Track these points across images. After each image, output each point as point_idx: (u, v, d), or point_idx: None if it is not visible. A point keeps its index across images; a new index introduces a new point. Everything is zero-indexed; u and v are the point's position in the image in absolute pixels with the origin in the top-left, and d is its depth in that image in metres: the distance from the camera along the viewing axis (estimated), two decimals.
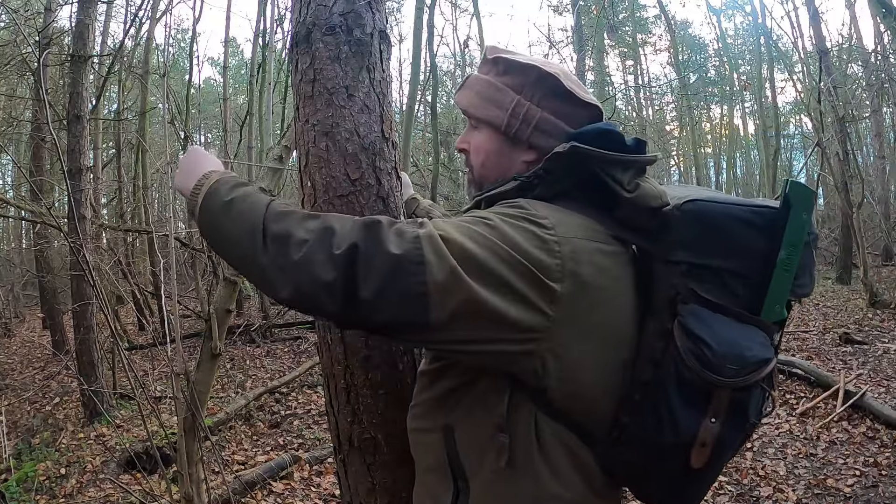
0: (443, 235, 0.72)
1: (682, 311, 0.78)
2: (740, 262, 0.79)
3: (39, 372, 6.82)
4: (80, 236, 3.52)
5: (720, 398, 0.75)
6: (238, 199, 0.81)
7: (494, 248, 0.72)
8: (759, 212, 0.80)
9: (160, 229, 7.62)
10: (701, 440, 0.76)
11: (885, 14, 5.55)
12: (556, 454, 0.80)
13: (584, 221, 0.80)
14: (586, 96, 0.91)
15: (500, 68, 0.94)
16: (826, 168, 8.52)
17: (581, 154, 0.81)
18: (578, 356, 0.78)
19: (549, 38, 16.31)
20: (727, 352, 0.74)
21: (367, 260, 0.70)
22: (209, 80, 23.82)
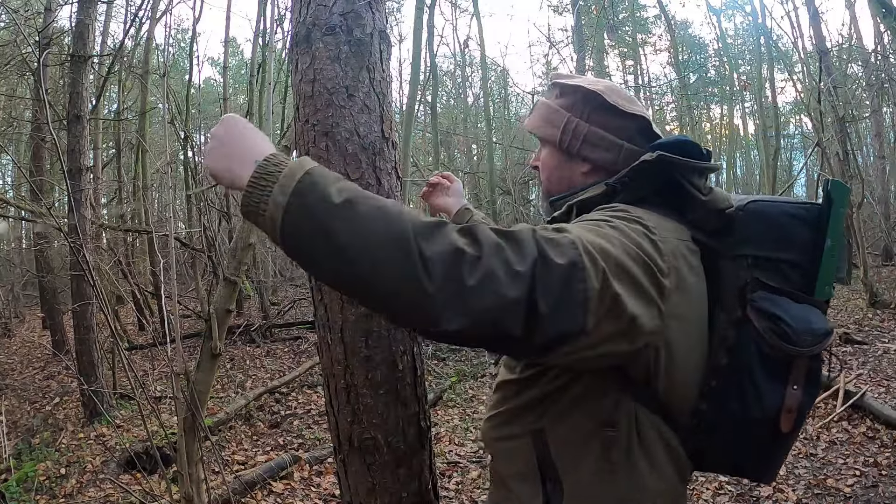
0: (587, 239, 0.73)
1: (753, 298, 0.88)
2: (794, 252, 0.91)
3: (39, 372, 6.82)
4: (80, 236, 3.52)
5: (799, 367, 0.86)
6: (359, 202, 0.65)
7: (625, 248, 0.76)
8: (807, 208, 0.92)
9: (160, 229, 7.62)
10: (787, 407, 0.86)
11: (885, 14, 5.54)
12: (655, 446, 0.86)
13: (670, 222, 0.88)
14: (632, 108, 1.00)
15: (557, 91, 1.07)
16: (826, 168, 8.52)
17: (666, 161, 0.88)
18: (680, 349, 0.84)
19: (549, 38, 16.32)
20: (802, 326, 0.85)
21: (544, 273, 0.65)
22: (209, 80, 23.82)
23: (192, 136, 9.92)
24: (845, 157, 8.07)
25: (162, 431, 2.90)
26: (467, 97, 19.73)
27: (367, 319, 1.07)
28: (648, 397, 0.85)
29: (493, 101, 18.91)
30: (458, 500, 3.34)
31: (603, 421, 0.85)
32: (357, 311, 1.07)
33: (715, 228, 0.91)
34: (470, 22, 24.41)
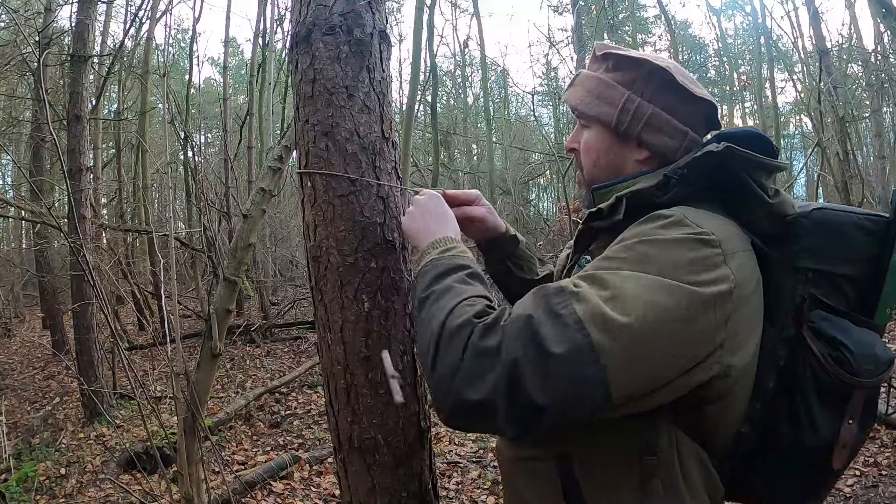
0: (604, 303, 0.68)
1: (812, 317, 0.79)
2: (856, 267, 0.81)
3: (39, 372, 6.82)
4: (80, 236, 3.52)
5: (857, 399, 0.77)
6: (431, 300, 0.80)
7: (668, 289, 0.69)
8: (875, 220, 0.83)
9: (160, 229, 7.61)
10: (842, 441, 0.77)
11: (885, 14, 5.54)
12: (694, 473, 0.78)
13: (731, 227, 0.79)
14: (699, 91, 0.88)
15: (610, 64, 0.92)
16: (826, 168, 8.52)
17: (734, 155, 0.78)
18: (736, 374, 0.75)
19: (549, 38, 16.30)
20: (865, 353, 0.76)
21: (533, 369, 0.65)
22: (209, 80, 23.83)
23: (192, 136, 9.91)
24: (845, 157, 8.07)
25: (162, 431, 2.90)
26: (467, 97, 19.75)
27: (367, 319, 1.07)
28: (693, 422, 0.77)
29: (493, 101, 18.92)
30: (458, 500, 3.34)
31: (643, 448, 0.76)
32: (357, 311, 1.07)
33: (774, 234, 0.81)
34: (470, 22, 24.42)
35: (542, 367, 0.65)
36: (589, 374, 0.65)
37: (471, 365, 0.68)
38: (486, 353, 0.68)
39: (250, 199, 2.66)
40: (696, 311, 0.69)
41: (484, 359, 0.68)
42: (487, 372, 0.67)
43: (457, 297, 0.78)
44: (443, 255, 0.89)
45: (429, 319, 0.77)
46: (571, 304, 0.68)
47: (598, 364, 0.65)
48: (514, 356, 0.66)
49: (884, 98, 11.93)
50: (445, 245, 0.91)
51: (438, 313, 0.76)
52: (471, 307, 0.75)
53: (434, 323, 0.75)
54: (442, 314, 0.75)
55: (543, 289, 0.73)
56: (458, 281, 0.82)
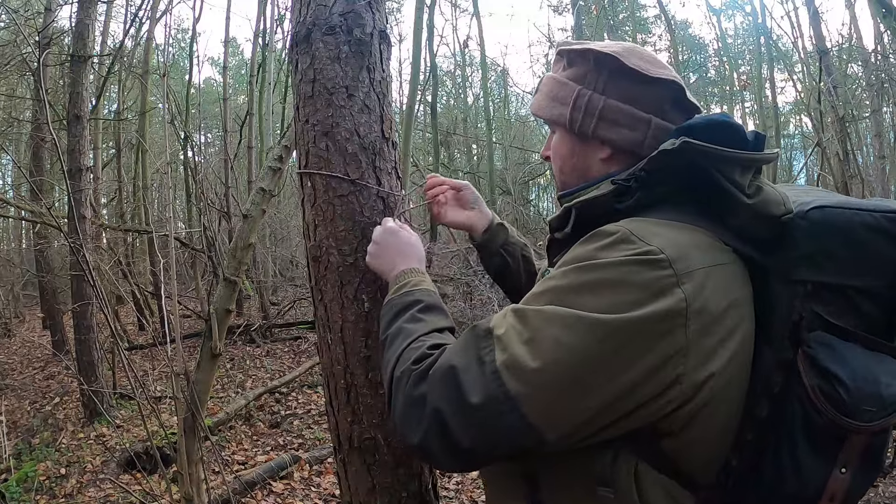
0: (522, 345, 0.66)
1: (808, 339, 0.67)
2: (872, 278, 0.67)
3: (39, 372, 6.82)
4: (80, 236, 3.51)
5: (854, 444, 0.65)
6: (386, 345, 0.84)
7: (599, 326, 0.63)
8: (893, 217, 0.67)
9: (160, 229, 7.61)
10: (829, 492, 0.66)
11: (885, 14, 5.54)
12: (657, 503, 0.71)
13: (701, 238, 0.69)
14: (657, 71, 0.79)
15: (565, 62, 0.87)
16: (826, 168, 8.52)
17: (694, 151, 0.69)
18: (705, 398, 0.66)
19: (549, 38, 16.31)
20: (864, 390, 0.63)
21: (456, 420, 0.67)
22: (209, 80, 23.84)
23: (192, 136, 9.91)
24: (845, 157, 8.06)
25: (162, 431, 2.90)
26: (467, 97, 19.73)
27: (367, 319, 1.07)
28: (654, 455, 0.69)
29: (493, 101, 18.91)
30: (458, 500, 3.34)
31: (596, 479, 0.70)
32: (357, 311, 1.07)
33: (765, 238, 0.70)
34: (470, 22, 24.40)
35: (463, 416, 0.67)
36: (510, 422, 0.65)
37: (407, 413, 0.72)
38: (416, 403, 0.71)
39: (250, 199, 2.66)
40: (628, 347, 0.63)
41: (414, 408, 0.71)
42: (419, 419, 0.70)
43: (404, 342, 0.81)
44: (396, 293, 0.91)
45: (385, 365, 0.82)
46: (493, 352, 0.68)
47: (517, 412, 0.65)
48: (436, 405, 0.69)
49: (884, 98, 11.93)
50: (402, 280, 0.92)
51: (391, 360, 0.80)
52: (413, 351, 0.77)
53: (387, 370, 0.80)
54: (392, 361, 0.79)
55: (475, 329, 0.72)
56: (407, 321, 0.84)
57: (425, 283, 0.92)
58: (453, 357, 0.71)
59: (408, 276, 0.93)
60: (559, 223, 0.80)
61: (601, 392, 0.63)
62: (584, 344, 0.63)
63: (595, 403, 0.64)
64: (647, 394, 0.64)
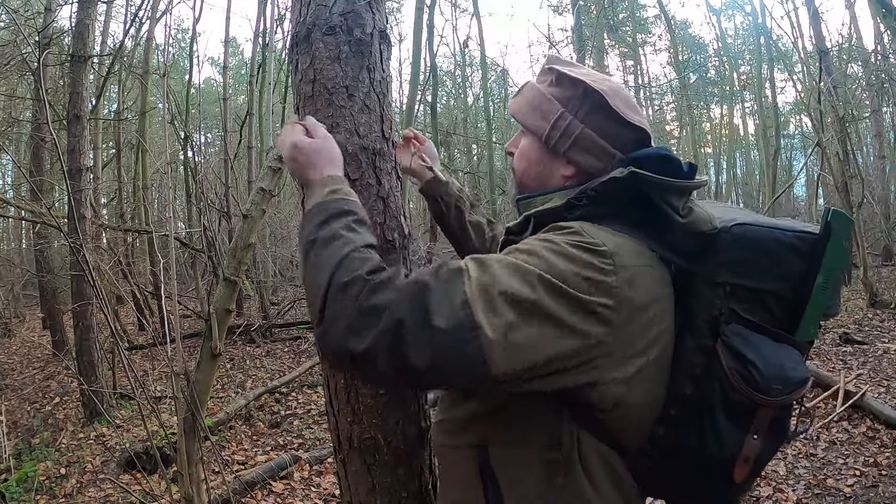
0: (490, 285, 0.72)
1: (726, 331, 0.81)
2: (781, 284, 0.83)
3: (39, 372, 6.82)
4: (80, 236, 3.51)
5: (763, 416, 0.80)
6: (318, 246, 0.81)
7: (547, 287, 0.73)
8: (802, 237, 0.84)
9: (160, 229, 7.61)
10: (744, 456, 0.81)
11: (885, 14, 5.54)
12: (596, 468, 0.82)
13: (633, 244, 0.82)
14: (634, 117, 0.90)
15: (553, 78, 0.96)
16: (826, 168, 8.52)
17: (639, 179, 0.81)
18: (632, 378, 0.79)
19: (549, 38, 16.31)
20: (773, 373, 0.78)
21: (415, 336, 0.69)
22: (209, 80, 23.84)
23: (192, 136, 9.91)
24: (845, 157, 8.07)
25: (162, 431, 2.90)
26: (467, 97, 19.74)
27: None
28: (592, 423, 0.81)
29: (493, 101, 18.90)
30: None
31: (545, 444, 0.80)
32: None
33: (693, 250, 0.84)
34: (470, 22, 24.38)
35: (425, 336, 0.69)
36: (468, 351, 0.69)
37: (358, 320, 0.71)
38: (374, 311, 0.71)
39: (250, 199, 2.66)
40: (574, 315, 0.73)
41: (370, 316, 0.71)
42: (373, 327, 0.70)
43: (345, 247, 0.79)
44: (329, 196, 0.88)
45: (317, 268, 0.79)
46: (463, 284, 0.72)
47: (477, 342, 0.69)
48: (400, 317, 0.70)
49: (884, 98, 11.94)
50: (334, 185, 0.90)
51: (327, 263, 0.78)
52: (361, 261, 0.77)
53: (322, 274, 0.77)
54: (331, 265, 0.77)
55: (446, 264, 0.77)
56: (345, 228, 0.82)
57: (355, 197, 0.91)
58: (426, 277, 0.74)
59: (338, 182, 0.91)
60: (519, 229, 0.91)
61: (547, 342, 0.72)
62: (538, 296, 0.72)
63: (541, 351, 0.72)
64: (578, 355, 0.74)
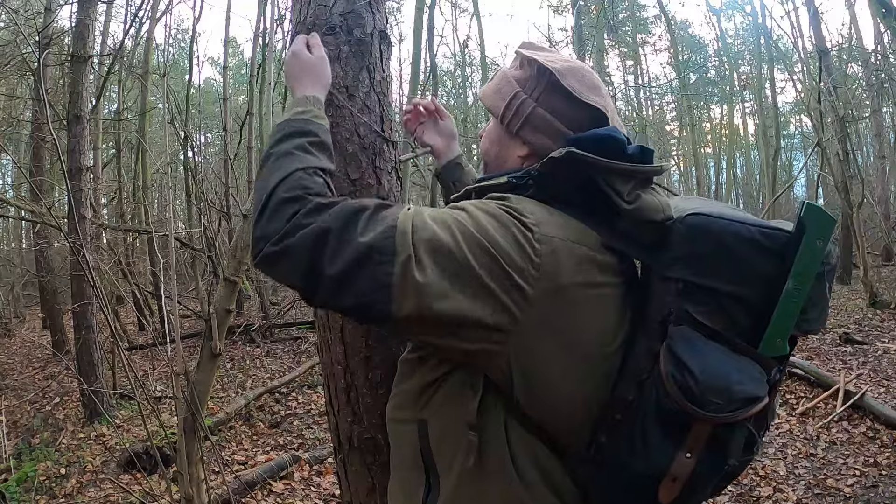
0: (420, 228, 0.73)
1: (672, 332, 0.74)
2: (743, 286, 0.73)
3: (39, 372, 6.81)
4: (80, 236, 3.51)
5: (699, 432, 0.70)
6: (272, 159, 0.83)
7: (468, 241, 0.72)
8: (769, 234, 0.74)
9: (160, 229, 7.61)
10: (672, 474, 0.72)
11: (885, 14, 5.54)
12: (525, 462, 0.78)
13: (576, 225, 0.79)
14: (590, 96, 0.87)
15: (517, 62, 0.96)
16: (826, 168, 8.53)
17: (577, 160, 0.77)
18: (545, 362, 0.75)
19: (549, 38, 16.30)
20: (712, 384, 0.69)
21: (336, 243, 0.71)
22: (209, 80, 23.83)
23: (192, 136, 9.91)
24: (845, 157, 8.07)
25: (162, 431, 2.90)
26: (467, 97, 19.73)
27: None
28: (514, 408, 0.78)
29: None
30: None
31: (468, 423, 0.78)
32: None
33: (650, 241, 0.79)
34: (470, 22, 24.37)
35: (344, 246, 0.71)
36: (377, 274, 0.70)
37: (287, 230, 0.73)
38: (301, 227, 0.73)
39: (250, 199, 2.66)
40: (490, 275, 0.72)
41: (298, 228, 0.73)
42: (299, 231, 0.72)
43: (295, 164, 0.80)
44: (297, 115, 0.90)
45: (266, 178, 0.80)
46: (396, 215, 0.74)
47: (388, 267, 0.70)
48: (328, 226, 0.72)
49: (884, 98, 11.93)
50: (304, 106, 0.92)
51: (274, 175, 0.79)
52: (308, 180, 0.78)
53: (268, 185, 0.78)
54: (276, 178, 0.78)
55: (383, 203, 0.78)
56: (300, 148, 0.84)
57: (324, 120, 0.92)
58: (367, 202, 0.76)
59: (312, 104, 0.93)
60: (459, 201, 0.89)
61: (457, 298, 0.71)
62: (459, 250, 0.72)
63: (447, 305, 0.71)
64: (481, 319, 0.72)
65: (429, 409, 0.84)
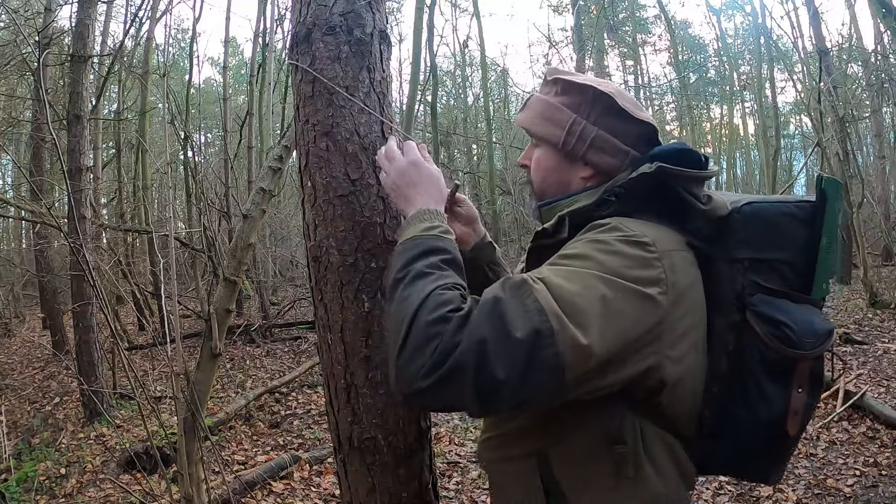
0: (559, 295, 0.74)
1: (752, 301, 0.87)
2: (790, 251, 0.89)
3: (39, 372, 6.82)
4: (80, 236, 3.51)
5: (802, 370, 0.85)
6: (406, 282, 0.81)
7: (606, 282, 0.76)
8: (801, 205, 0.91)
9: (160, 229, 7.61)
10: (793, 409, 0.86)
11: (885, 14, 5.54)
12: (661, 456, 0.86)
13: (664, 231, 0.87)
14: (640, 114, 0.96)
15: (559, 88, 1.00)
16: (826, 168, 8.52)
17: (666, 173, 0.86)
18: (682, 362, 0.83)
19: (549, 38, 16.31)
20: (804, 328, 0.83)
21: (497, 349, 0.71)
22: (209, 80, 23.86)
23: (192, 136, 9.91)
24: (845, 157, 8.07)
25: (162, 431, 2.90)
26: (467, 97, 19.74)
27: (367, 319, 1.07)
28: (652, 412, 0.84)
29: (493, 101, 18.91)
30: (458, 500, 3.34)
31: (611, 438, 0.83)
32: (357, 311, 1.07)
33: (711, 234, 0.90)
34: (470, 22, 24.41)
35: (506, 348, 0.71)
36: (545, 356, 0.71)
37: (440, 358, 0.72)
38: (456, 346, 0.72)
39: (250, 199, 2.66)
40: (634, 303, 0.77)
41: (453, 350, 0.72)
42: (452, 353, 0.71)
43: (433, 284, 0.80)
44: (426, 231, 0.89)
45: (401, 302, 0.79)
46: (532, 294, 0.75)
47: (554, 348, 0.71)
48: (482, 335, 0.72)
49: (884, 98, 11.92)
50: (431, 221, 0.91)
51: (413, 298, 0.78)
52: (446, 300, 0.77)
53: (407, 309, 0.77)
54: (416, 301, 0.77)
55: (509, 279, 0.79)
56: (433, 266, 0.83)
57: (452, 235, 0.91)
58: (496, 292, 0.76)
59: (437, 218, 0.92)
60: (554, 229, 0.92)
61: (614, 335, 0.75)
62: (600, 295, 0.75)
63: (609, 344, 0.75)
64: (639, 344, 0.78)
65: (550, 438, 0.87)
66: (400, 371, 0.75)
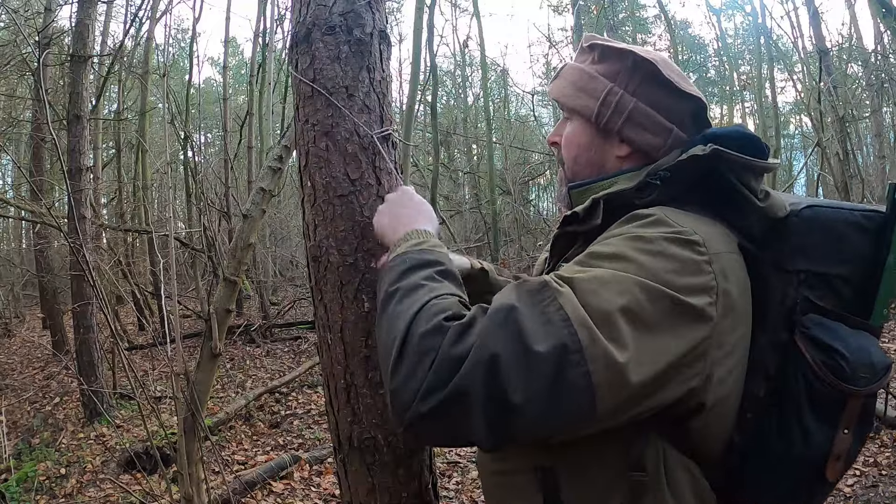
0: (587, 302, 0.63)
1: (805, 322, 0.74)
2: (851, 266, 0.77)
3: (39, 372, 6.82)
4: (80, 236, 3.51)
5: (853, 408, 0.72)
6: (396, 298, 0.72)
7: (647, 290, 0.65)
8: (869, 215, 0.78)
9: (160, 229, 7.62)
10: (836, 453, 0.73)
11: (885, 14, 5.54)
12: (682, 483, 0.74)
13: (721, 230, 0.75)
14: (687, 86, 0.83)
15: (596, 55, 0.88)
16: (826, 168, 8.52)
17: (721, 158, 0.74)
18: (725, 382, 0.72)
19: (549, 38, 16.32)
20: (860, 361, 0.71)
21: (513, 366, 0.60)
22: (209, 80, 23.86)
23: (192, 136, 9.91)
24: (845, 157, 8.06)
25: (162, 431, 2.90)
26: (467, 97, 19.73)
27: (367, 319, 1.07)
28: (679, 436, 0.73)
29: (493, 101, 18.91)
30: (458, 500, 3.34)
31: (629, 464, 0.72)
32: (357, 311, 1.07)
33: (763, 236, 0.77)
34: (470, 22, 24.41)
35: (524, 364, 0.60)
36: (573, 377, 0.60)
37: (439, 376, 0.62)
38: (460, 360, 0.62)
39: (250, 199, 2.66)
40: (678, 318, 0.65)
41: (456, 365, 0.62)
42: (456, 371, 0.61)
43: (427, 295, 0.70)
44: (413, 248, 0.80)
45: (393, 319, 0.70)
46: (555, 302, 0.63)
47: (584, 367, 0.60)
48: (494, 350, 0.60)
49: (884, 98, 11.92)
50: (417, 238, 0.82)
51: (404, 314, 0.68)
52: (441, 309, 0.67)
53: (398, 325, 0.68)
54: (408, 316, 0.68)
55: (525, 282, 0.67)
56: (427, 278, 0.74)
57: (443, 249, 0.82)
58: (510, 299, 0.64)
59: (424, 235, 0.83)
60: (587, 214, 0.81)
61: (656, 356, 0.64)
62: (639, 307, 0.64)
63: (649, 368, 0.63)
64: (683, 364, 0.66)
65: (560, 455, 0.74)
66: (394, 396, 0.64)
